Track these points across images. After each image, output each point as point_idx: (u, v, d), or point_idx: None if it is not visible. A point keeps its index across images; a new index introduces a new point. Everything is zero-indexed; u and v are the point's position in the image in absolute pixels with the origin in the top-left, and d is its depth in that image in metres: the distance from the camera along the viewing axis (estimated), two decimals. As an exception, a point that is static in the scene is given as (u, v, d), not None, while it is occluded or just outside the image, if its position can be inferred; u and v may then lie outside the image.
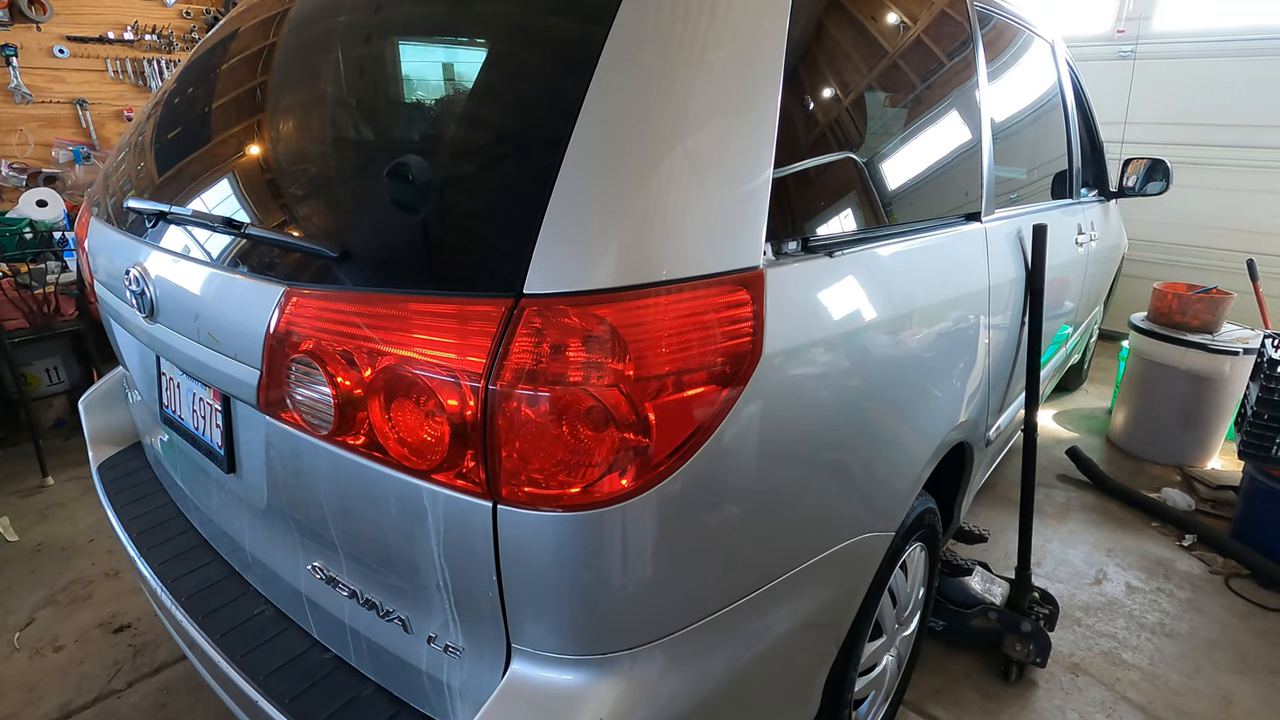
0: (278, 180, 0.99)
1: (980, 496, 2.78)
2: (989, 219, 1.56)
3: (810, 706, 1.19)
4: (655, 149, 0.80)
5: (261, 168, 1.03)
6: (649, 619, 0.84)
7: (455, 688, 0.91)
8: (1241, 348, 2.85)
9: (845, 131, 1.13)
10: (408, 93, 1.00)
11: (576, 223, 0.74)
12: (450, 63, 0.97)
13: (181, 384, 1.24)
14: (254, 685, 1.04)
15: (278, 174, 1.00)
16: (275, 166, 1.02)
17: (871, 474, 1.13)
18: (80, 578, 2.25)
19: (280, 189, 0.99)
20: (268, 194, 1.00)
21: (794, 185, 0.99)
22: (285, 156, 1.02)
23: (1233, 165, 4.23)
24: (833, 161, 1.09)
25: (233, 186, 1.04)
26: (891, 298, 1.13)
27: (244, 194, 1.02)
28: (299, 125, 1.05)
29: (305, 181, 0.97)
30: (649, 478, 0.76)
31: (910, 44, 1.36)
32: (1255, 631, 2.12)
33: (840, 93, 1.13)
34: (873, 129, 1.22)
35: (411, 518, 0.83)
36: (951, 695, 1.83)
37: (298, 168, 0.99)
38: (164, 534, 1.39)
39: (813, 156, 1.04)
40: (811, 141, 1.04)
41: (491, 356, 0.72)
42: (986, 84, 1.60)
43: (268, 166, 1.02)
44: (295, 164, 1.00)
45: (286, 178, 0.99)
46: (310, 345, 0.84)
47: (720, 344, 0.81)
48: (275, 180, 1.00)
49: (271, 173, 1.01)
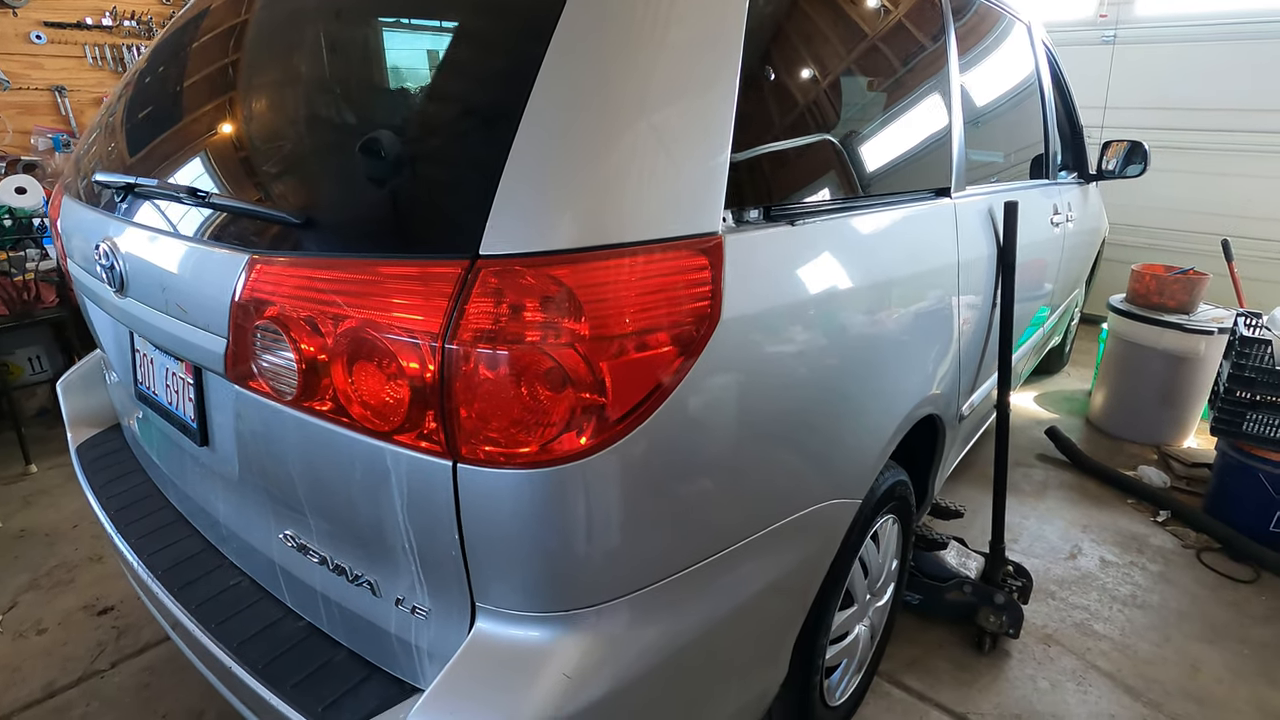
0: (241, 151, 1.00)
1: (959, 474, 2.82)
2: (959, 195, 1.58)
3: (778, 669, 1.22)
4: (613, 114, 0.81)
5: (225, 140, 1.04)
6: (612, 576, 0.86)
7: (424, 649, 0.93)
8: (1216, 327, 2.89)
9: (809, 103, 1.14)
10: (367, 62, 1.01)
11: (533, 186, 0.76)
12: (409, 31, 0.97)
13: (155, 359, 1.25)
14: (228, 653, 1.05)
15: (241, 145, 1.01)
16: (238, 138, 1.02)
17: (835, 441, 1.15)
18: (64, 562, 2.25)
19: (243, 159, 1.00)
20: (232, 164, 1.00)
21: (756, 154, 1.00)
22: (248, 128, 1.03)
23: (1211, 149, 4.27)
24: (796, 132, 1.10)
25: (198, 158, 1.04)
26: (856, 268, 1.15)
27: (208, 165, 1.02)
28: (261, 98, 1.05)
29: (267, 151, 0.98)
30: (606, 437, 0.78)
31: (880, 18, 1.37)
32: (1225, 602, 2.16)
33: (805, 64, 1.14)
34: (839, 102, 1.23)
35: (376, 480, 0.85)
36: (926, 666, 1.87)
37: (260, 138, 1.00)
38: (141, 510, 1.40)
39: (776, 126, 1.05)
40: (774, 111, 1.05)
41: (448, 317, 0.73)
42: (958, 62, 1.62)
43: (231, 139, 1.03)
44: (257, 135, 1.01)
45: (249, 149, 1.00)
46: (274, 311, 0.85)
47: (678, 307, 0.82)
48: (238, 151, 1.01)
49: (235, 144, 1.02)
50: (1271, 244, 4.15)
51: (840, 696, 1.58)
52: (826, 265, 1.08)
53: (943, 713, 1.72)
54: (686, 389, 0.84)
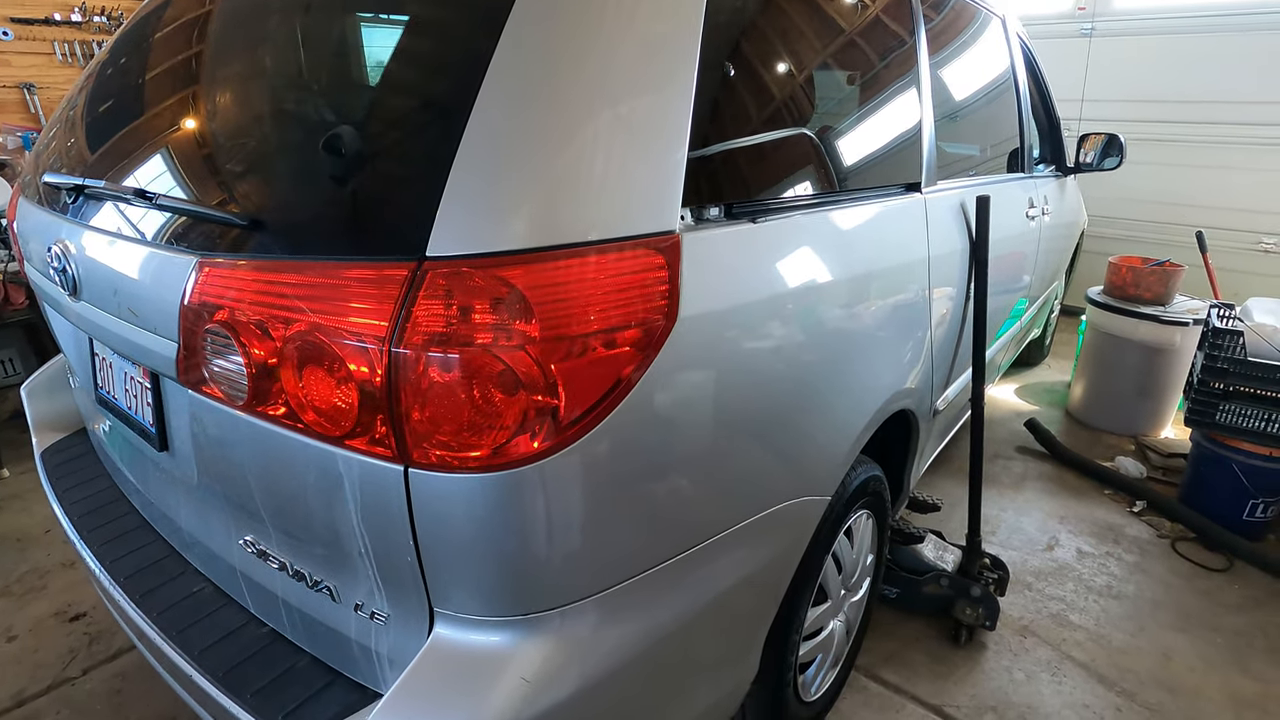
0: (189, 152, 0.98)
1: (937, 469, 2.83)
2: (930, 190, 1.58)
3: (749, 666, 1.22)
4: (566, 110, 0.80)
5: (174, 141, 1.02)
6: (571, 578, 0.85)
7: (384, 654, 0.92)
8: (1191, 318, 2.92)
9: (772, 98, 1.13)
10: (312, 60, 0.99)
11: (482, 185, 0.75)
12: (358, 25, 0.96)
13: (114, 364, 1.22)
14: (189, 660, 1.04)
15: (189, 146, 0.99)
16: (187, 139, 1.00)
17: (803, 438, 1.15)
18: (35, 569, 2.22)
19: (191, 160, 0.98)
20: (180, 165, 0.99)
21: (715, 151, 0.99)
22: (196, 129, 1.01)
23: (1188, 141, 4.30)
24: (758, 128, 1.09)
25: (147, 159, 1.02)
26: (822, 265, 1.15)
27: (158, 166, 1.00)
28: (208, 98, 1.03)
29: (214, 152, 0.96)
30: (561, 439, 0.77)
31: (848, 9, 1.36)
32: (1198, 591, 2.19)
33: (768, 57, 1.13)
34: (803, 96, 1.23)
35: (330, 485, 0.84)
36: (903, 659, 1.88)
37: (207, 139, 0.98)
38: (105, 516, 1.38)
39: (736, 123, 1.05)
40: (735, 107, 1.04)
41: (395, 320, 0.72)
42: (928, 55, 1.61)
43: (180, 140, 1.01)
44: (205, 136, 0.99)
45: (197, 149, 0.98)
46: (223, 315, 0.83)
47: (634, 307, 0.82)
48: (187, 152, 0.99)
49: (184, 145, 1.00)
50: (1247, 235, 4.19)
51: (816, 692, 1.59)
52: (791, 262, 1.08)
53: (919, 705, 1.73)
54: (645, 389, 0.83)
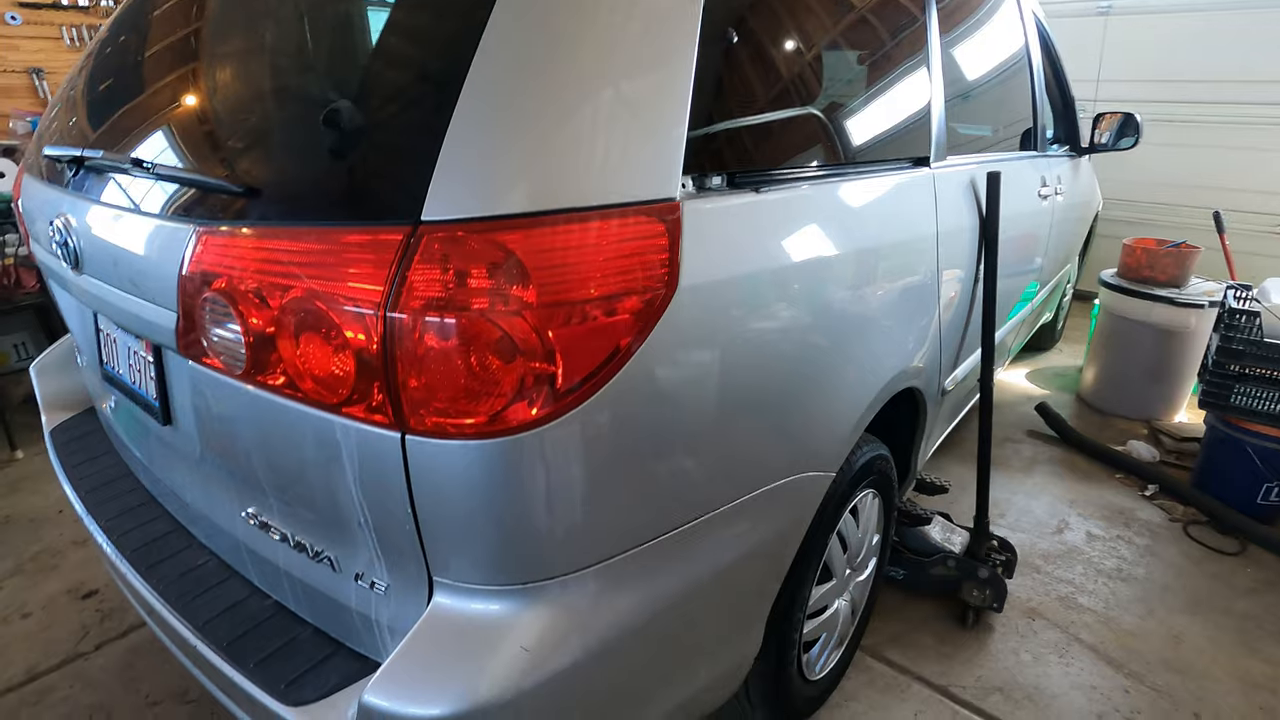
0: (186, 121, 0.98)
1: (946, 451, 2.81)
2: (939, 165, 1.55)
3: (751, 643, 1.21)
4: (563, 75, 0.79)
5: (171, 111, 1.01)
6: (571, 547, 0.85)
7: (384, 624, 0.92)
8: (1207, 300, 2.87)
9: (778, 67, 1.11)
10: (306, 26, 0.98)
11: (477, 149, 0.74)
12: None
13: (118, 339, 1.23)
14: (194, 631, 1.05)
15: (186, 116, 0.99)
16: (183, 109, 1.00)
17: (805, 413, 1.13)
18: (49, 547, 2.25)
19: (188, 129, 0.97)
20: (177, 135, 0.98)
21: (719, 119, 0.98)
22: (192, 99, 1.01)
23: (1206, 122, 4.21)
24: (763, 98, 1.07)
25: (144, 130, 1.02)
26: (826, 237, 1.13)
27: (155, 136, 1.00)
28: (204, 69, 1.03)
29: (211, 121, 0.95)
30: (557, 407, 0.76)
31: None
32: (1209, 574, 2.16)
33: (774, 26, 1.11)
34: (809, 67, 1.20)
35: (329, 454, 0.83)
36: (909, 641, 1.87)
37: (203, 108, 0.98)
38: (112, 492, 1.39)
39: (740, 92, 1.03)
40: (739, 76, 1.03)
41: (391, 285, 0.72)
42: (939, 29, 1.58)
43: (176, 110, 1.01)
44: (201, 105, 0.99)
45: (194, 119, 0.98)
46: (221, 284, 0.83)
47: (632, 274, 0.80)
48: (183, 121, 0.98)
49: (180, 115, 0.99)
50: (1267, 217, 4.11)
51: (820, 671, 1.58)
52: (795, 234, 1.06)
53: (924, 686, 1.72)
54: (644, 359, 0.82)
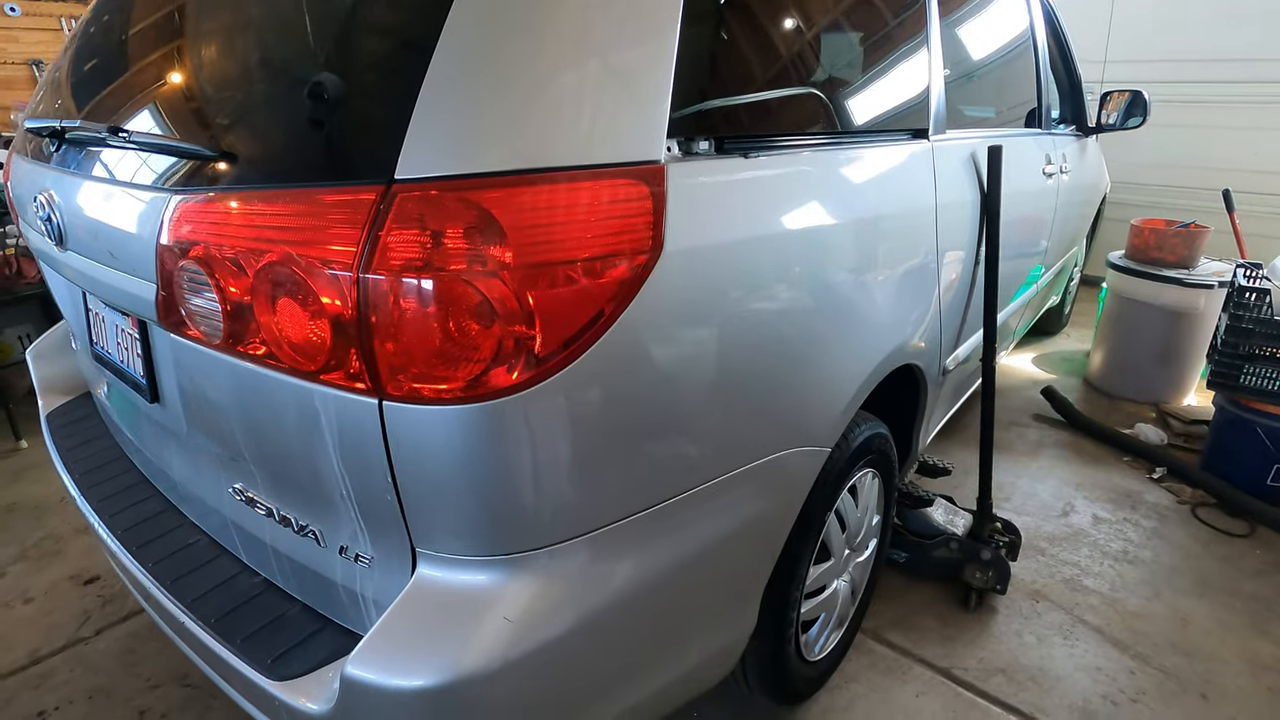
0: (159, 88, 0.97)
1: (950, 436, 2.78)
2: (938, 138, 1.52)
3: (745, 620, 1.20)
4: (542, 30, 0.76)
5: (146, 81, 1.00)
6: (555, 517, 0.83)
7: (369, 598, 0.91)
8: (1217, 281, 2.82)
9: (768, 32, 1.09)
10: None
11: (452, 106, 0.72)
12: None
13: (106, 317, 1.22)
14: (182, 608, 1.04)
15: (161, 85, 0.97)
16: (158, 79, 0.99)
17: (797, 386, 1.11)
18: (52, 534, 2.26)
19: (161, 97, 0.96)
20: (151, 103, 0.97)
21: (706, 83, 0.95)
22: (168, 68, 0.99)
23: (1216, 102, 4.14)
24: (755, 62, 1.05)
25: (121, 99, 1.01)
26: (819, 205, 1.10)
27: (131, 105, 0.99)
28: (176, 34, 1.01)
29: (186, 88, 0.94)
30: (538, 372, 0.75)
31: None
32: (1218, 557, 2.13)
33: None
34: (802, 32, 1.18)
35: (309, 423, 0.82)
36: (911, 623, 1.85)
37: (179, 77, 0.96)
38: (105, 474, 1.39)
39: (731, 55, 1.00)
40: (726, 39, 1.00)
41: (363, 246, 0.70)
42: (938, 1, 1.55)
43: (152, 79, 0.99)
44: (174, 70, 0.97)
45: (169, 87, 0.96)
46: (197, 251, 0.82)
47: (615, 237, 0.79)
48: (158, 90, 0.97)
49: (156, 84, 0.98)
50: (1277, 198, 4.04)
51: (820, 652, 1.57)
52: (785, 201, 1.04)
53: (926, 668, 1.71)
54: (628, 324, 0.81)
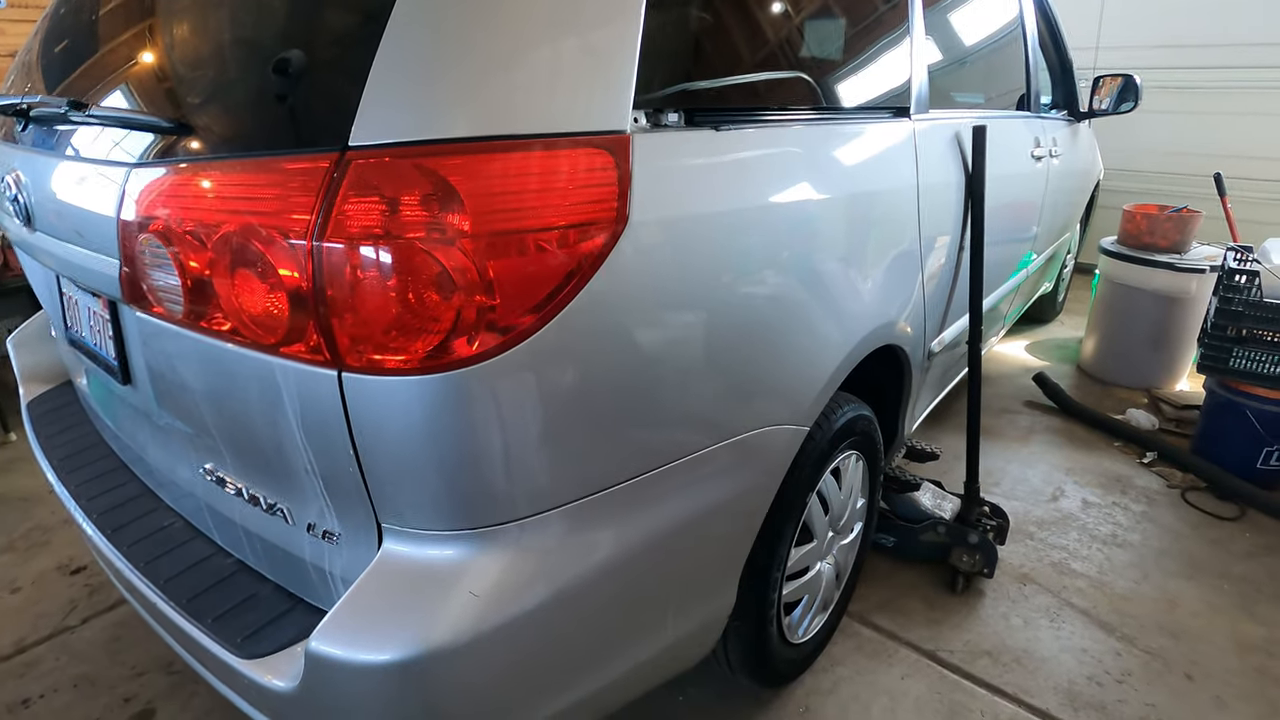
0: (119, 64, 0.96)
1: (940, 422, 2.78)
2: (920, 117, 1.51)
3: (723, 599, 1.19)
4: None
5: (108, 55, 0.99)
6: (522, 490, 0.83)
7: (338, 575, 0.91)
8: (1208, 265, 2.81)
9: (742, 2, 1.07)
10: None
11: (408, 71, 0.71)
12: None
13: (78, 300, 1.21)
14: (154, 589, 1.04)
15: (120, 59, 0.96)
16: (117, 53, 0.98)
17: (769, 363, 1.10)
18: (39, 525, 2.26)
19: (122, 72, 0.95)
20: (112, 78, 0.96)
21: (675, 54, 0.94)
22: (127, 41, 0.98)
23: (1210, 87, 4.12)
24: (725, 33, 1.04)
25: (82, 76, 1.00)
26: (792, 181, 1.09)
27: (91, 81, 0.98)
28: (138, 9, 1.00)
29: (143, 61, 0.93)
30: (498, 343, 0.74)
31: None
32: (1207, 540, 2.13)
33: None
34: (777, 3, 1.16)
35: (271, 397, 0.82)
36: (898, 606, 1.85)
37: (136, 50, 0.95)
38: (84, 460, 1.39)
39: (698, 24, 0.99)
40: (698, 9, 0.99)
41: (317, 214, 0.69)
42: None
43: (112, 53, 0.98)
44: (134, 47, 0.96)
45: (127, 61, 0.95)
46: (156, 225, 0.81)
47: (578, 206, 0.78)
48: (117, 65, 0.96)
49: (114, 57, 0.97)
50: (1273, 184, 4.03)
51: (804, 635, 1.56)
52: (758, 175, 1.03)
53: (911, 650, 1.70)
54: (593, 295, 0.80)
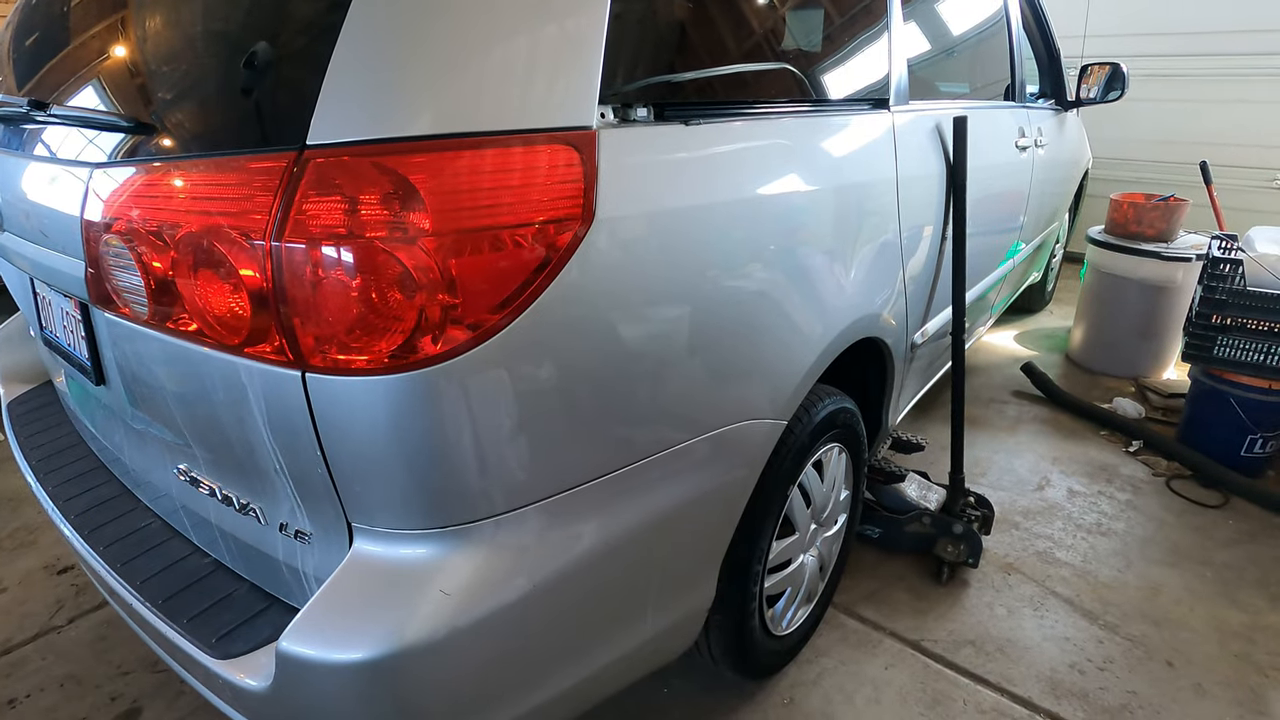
0: (82, 63, 0.95)
1: (926, 413, 2.78)
2: (899, 108, 1.51)
3: (703, 593, 1.20)
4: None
5: (71, 54, 0.98)
6: (493, 488, 0.83)
7: (310, 574, 0.91)
8: (1194, 254, 2.82)
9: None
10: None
11: (366, 69, 0.70)
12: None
13: (52, 301, 1.21)
14: (130, 589, 1.03)
15: (82, 57, 0.95)
16: (80, 50, 0.97)
17: (746, 359, 1.10)
18: (26, 525, 2.25)
19: (86, 72, 0.94)
20: (74, 77, 0.95)
21: (642, 47, 0.94)
22: (89, 40, 0.97)
23: (1200, 76, 4.12)
24: (694, 26, 1.03)
25: (50, 75, 0.99)
26: (764, 173, 1.09)
27: (57, 80, 0.97)
28: (101, 8, 0.99)
29: (105, 61, 0.92)
30: (462, 342, 0.74)
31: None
32: (1191, 527, 2.14)
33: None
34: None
35: (238, 398, 0.81)
36: (883, 597, 1.86)
37: (98, 47, 0.94)
38: (62, 460, 1.38)
39: (666, 16, 0.99)
40: (668, 2, 0.99)
41: (275, 214, 0.69)
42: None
43: (75, 52, 0.97)
44: (97, 44, 0.95)
45: (88, 59, 0.94)
46: (119, 226, 0.81)
47: (543, 203, 0.77)
48: (80, 63, 0.95)
49: (77, 57, 0.96)
50: (1260, 171, 4.04)
51: (787, 627, 1.57)
52: (730, 169, 1.03)
53: (896, 640, 1.71)
54: (559, 293, 0.80)
